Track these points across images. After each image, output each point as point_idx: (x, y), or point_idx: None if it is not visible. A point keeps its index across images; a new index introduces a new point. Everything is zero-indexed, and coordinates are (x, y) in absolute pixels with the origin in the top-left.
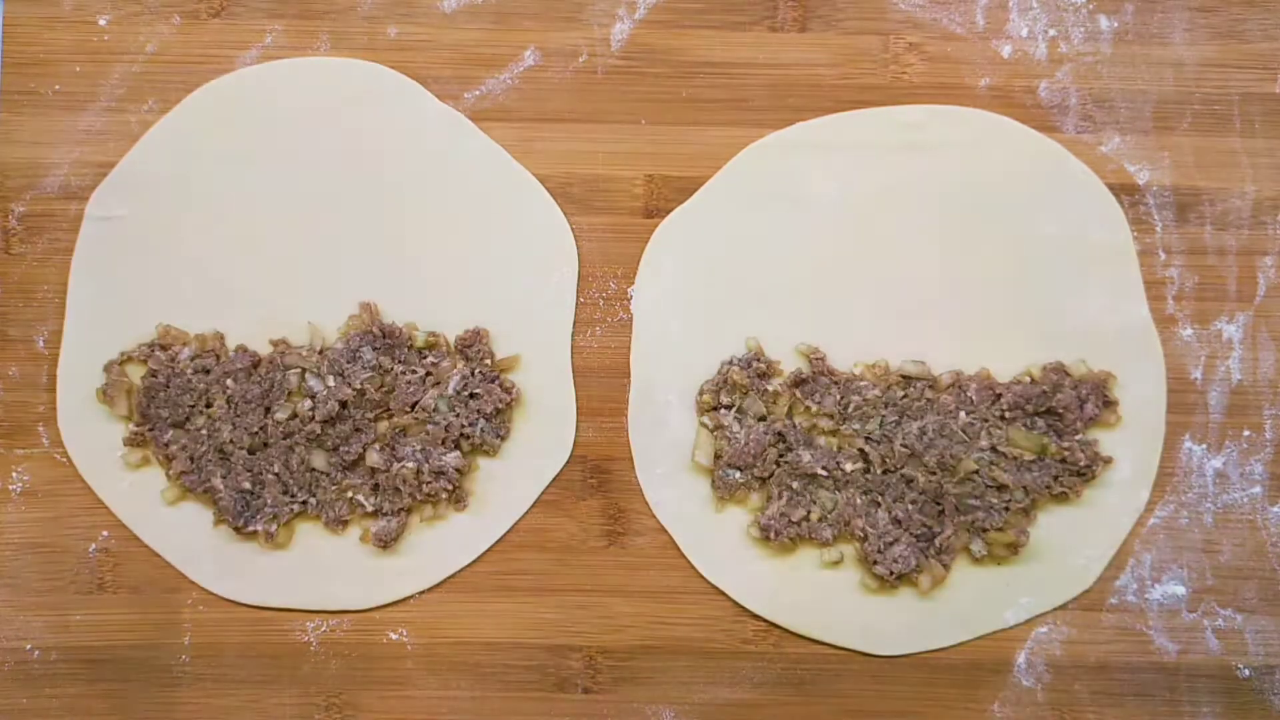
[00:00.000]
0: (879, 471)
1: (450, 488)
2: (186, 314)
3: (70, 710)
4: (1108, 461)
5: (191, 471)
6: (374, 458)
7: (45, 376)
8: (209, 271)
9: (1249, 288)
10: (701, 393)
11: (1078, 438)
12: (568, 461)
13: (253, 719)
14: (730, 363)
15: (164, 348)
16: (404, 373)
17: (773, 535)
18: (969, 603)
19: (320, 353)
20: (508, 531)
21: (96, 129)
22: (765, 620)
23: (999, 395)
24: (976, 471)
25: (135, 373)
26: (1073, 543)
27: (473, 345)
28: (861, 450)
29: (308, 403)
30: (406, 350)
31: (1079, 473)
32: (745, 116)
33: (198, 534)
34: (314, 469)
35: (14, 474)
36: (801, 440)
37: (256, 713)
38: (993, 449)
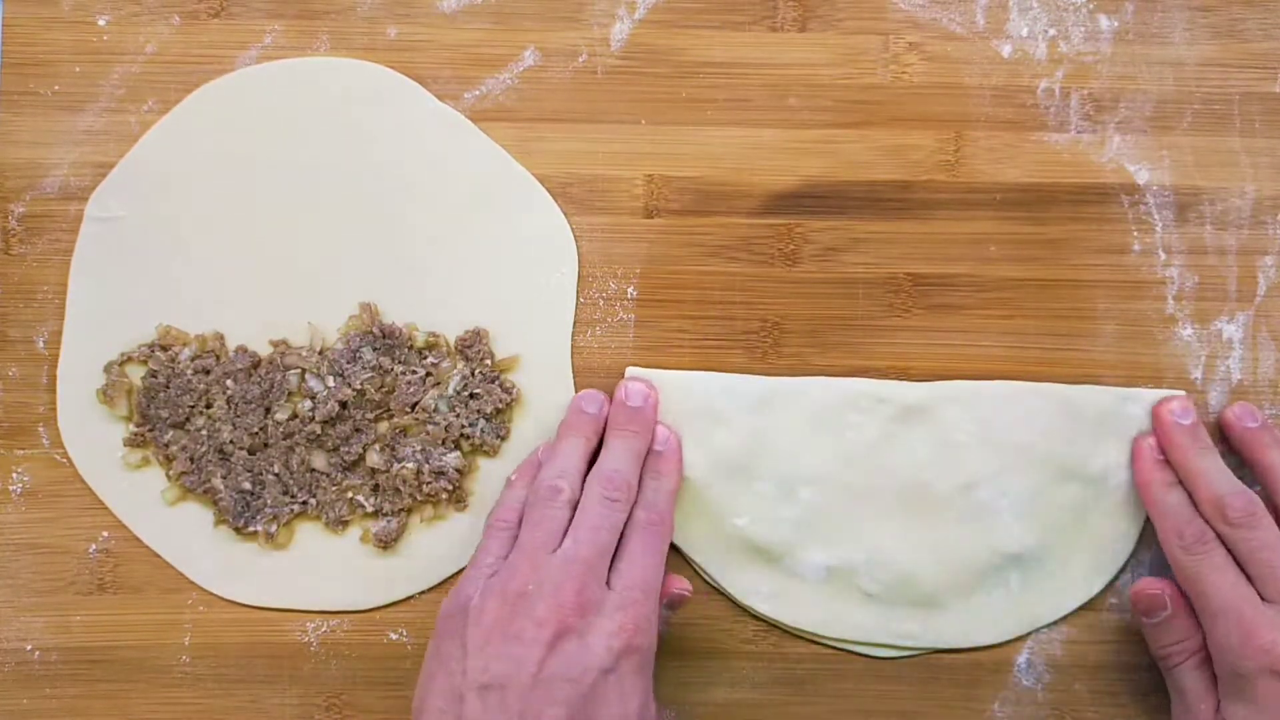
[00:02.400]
0: None
1: (450, 488)
2: (186, 314)
3: (70, 710)
4: None
5: (191, 472)
6: (374, 458)
7: (45, 377)
8: (209, 271)
9: (1249, 288)
10: None
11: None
12: None
13: (253, 719)
14: None
15: (164, 348)
16: (404, 373)
17: None
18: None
19: (320, 353)
20: None
21: (96, 129)
22: (765, 620)
23: None
24: None
25: (135, 373)
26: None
27: (473, 345)
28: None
29: (308, 403)
30: (406, 350)
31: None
32: (745, 116)
33: (198, 534)
34: (314, 469)
35: (14, 474)
36: None
37: (256, 713)
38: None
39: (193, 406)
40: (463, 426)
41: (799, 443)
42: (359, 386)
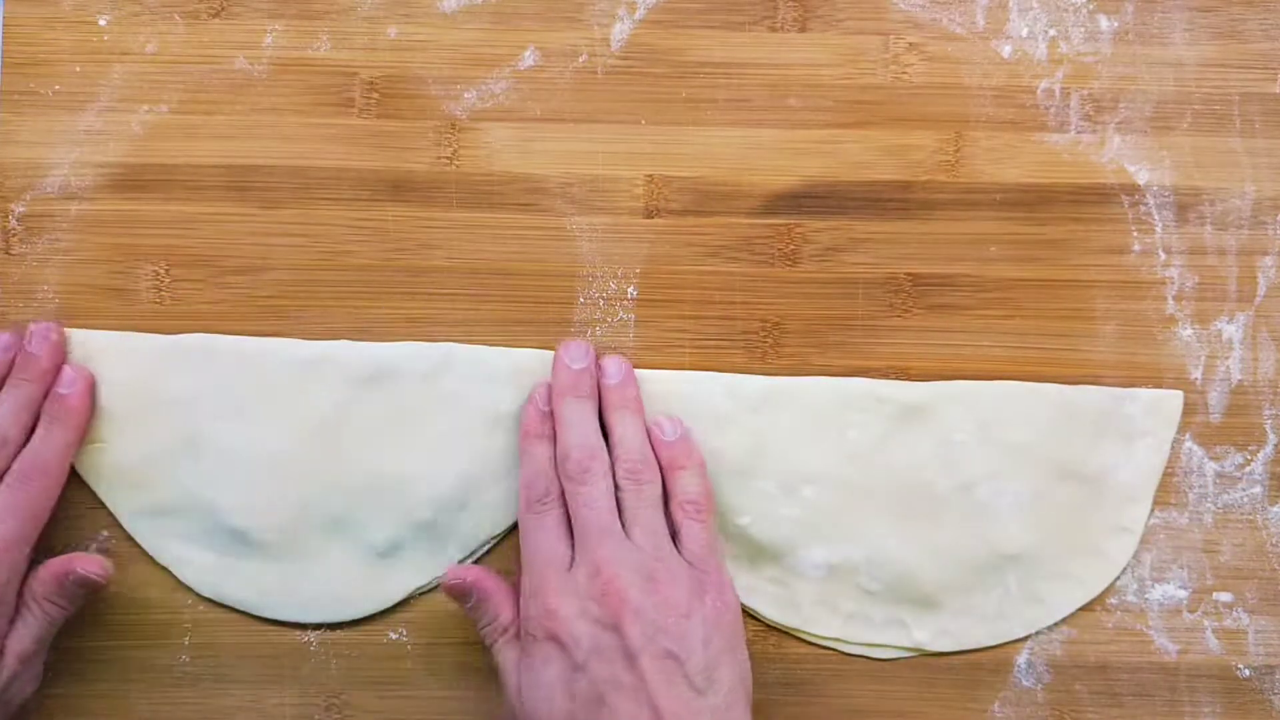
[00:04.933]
0: None
1: None
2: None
3: (70, 710)
4: None
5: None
6: None
7: None
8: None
9: (1249, 288)
10: None
11: None
12: None
13: (253, 719)
14: None
15: None
16: None
17: None
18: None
19: None
20: (508, 531)
21: (96, 129)
22: (765, 620)
23: None
24: None
25: None
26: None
27: None
28: None
29: None
30: None
31: None
32: (745, 116)
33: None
34: None
35: None
36: None
37: (256, 713)
38: None
39: None
40: None
41: (800, 442)
42: None
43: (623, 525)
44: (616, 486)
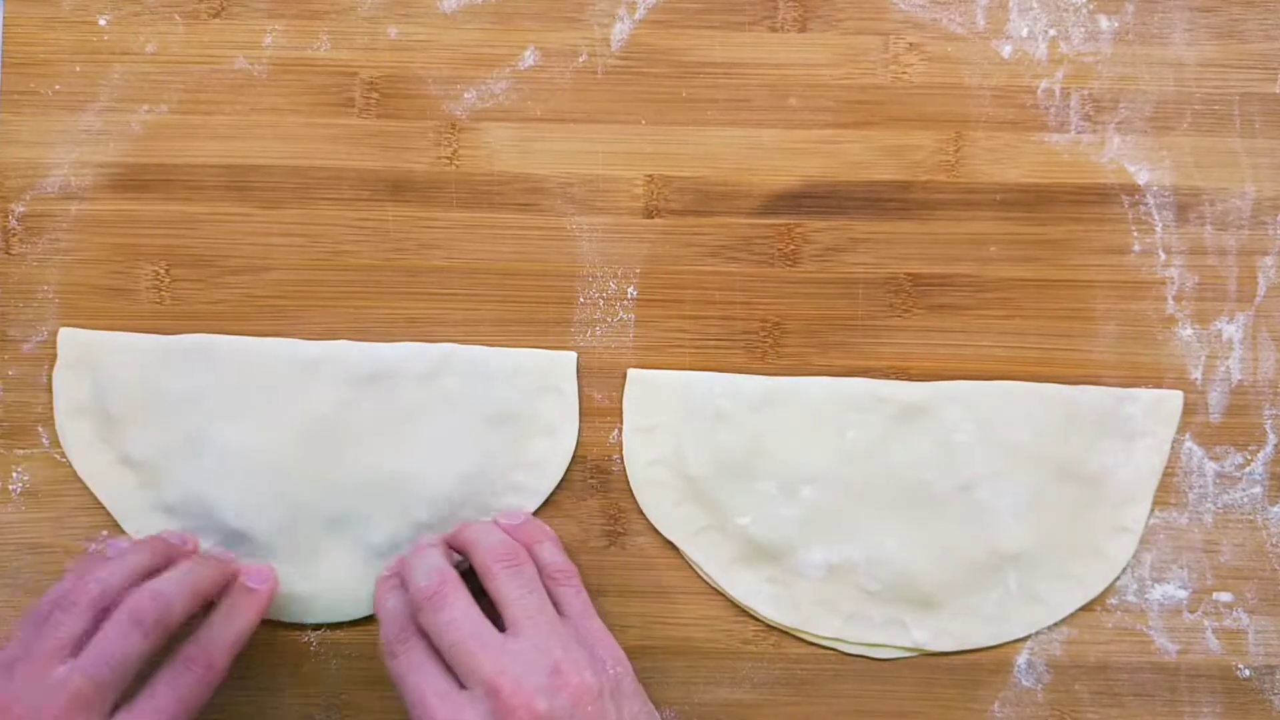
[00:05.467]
0: None
1: None
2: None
3: None
4: None
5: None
6: None
7: (45, 377)
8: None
9: (1249, 288)
10: None
11: None
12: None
13: (253, 719)
14: None
15: None
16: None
17: None
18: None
19: None
20: None
21: (96, 129)
22: (765, 620)
23: None
24: None
25: None
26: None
27: None
28: None
29: None
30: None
31: None
32: (745, 116)
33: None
34: None
35: (14, 474)
36: None
37: (256, 713)
38: None
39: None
40: None
41: (800, 442)
42: None
43: (506, 623)
44: (487, 579)
